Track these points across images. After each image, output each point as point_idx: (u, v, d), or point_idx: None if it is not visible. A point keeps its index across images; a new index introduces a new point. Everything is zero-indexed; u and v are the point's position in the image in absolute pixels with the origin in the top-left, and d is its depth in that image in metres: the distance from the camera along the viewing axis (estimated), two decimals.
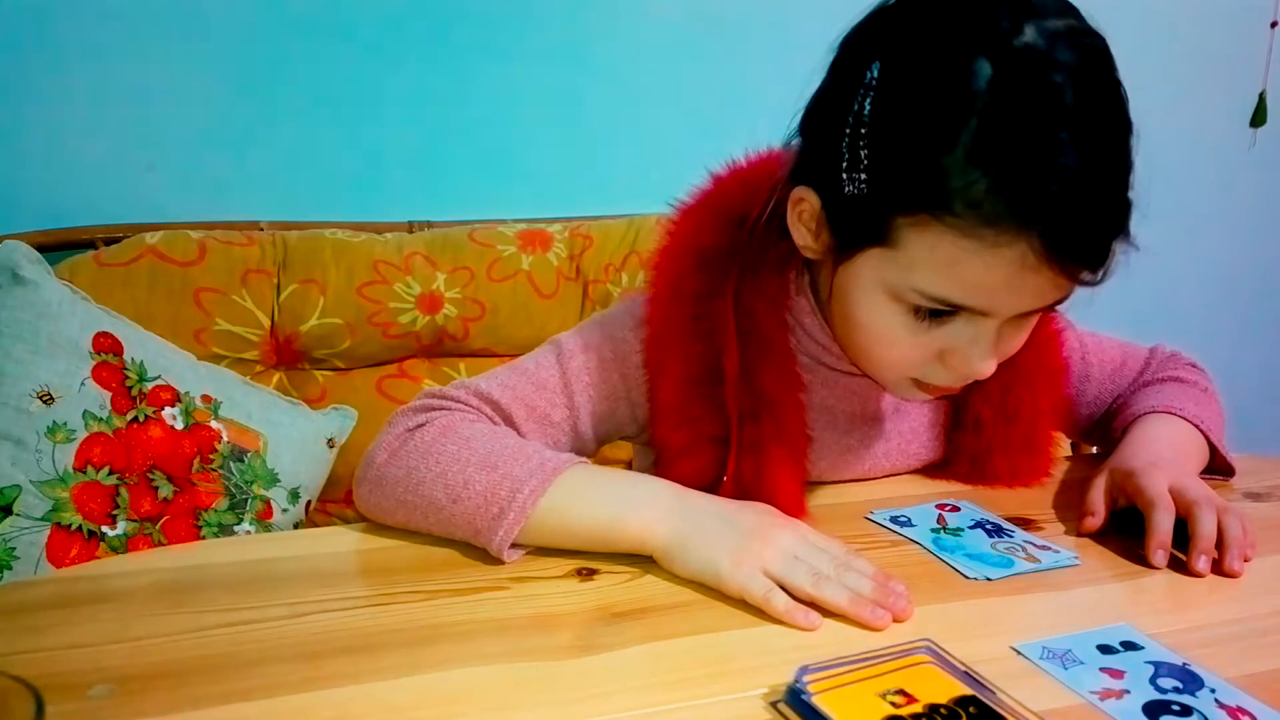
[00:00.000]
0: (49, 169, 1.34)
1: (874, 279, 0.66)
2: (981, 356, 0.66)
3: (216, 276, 1.26)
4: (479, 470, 0.67)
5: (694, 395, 0.73)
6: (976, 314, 0.65)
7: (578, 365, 0.77)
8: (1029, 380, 0.81)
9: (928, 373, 0.70)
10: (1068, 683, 0.54)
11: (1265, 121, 1.91)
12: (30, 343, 1.05)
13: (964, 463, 0.85)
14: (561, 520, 0.67)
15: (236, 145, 1.41)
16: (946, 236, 0.60)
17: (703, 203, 0.77)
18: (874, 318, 0.67)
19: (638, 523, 0.66)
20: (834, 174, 0.65)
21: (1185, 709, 0.52)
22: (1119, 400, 0.92)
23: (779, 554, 0.63)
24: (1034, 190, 0.58)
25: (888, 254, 0.64)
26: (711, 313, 0.73)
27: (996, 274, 0.61)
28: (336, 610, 0.61)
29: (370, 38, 1.43)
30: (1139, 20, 1.82)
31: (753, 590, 0.61)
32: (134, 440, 1.08)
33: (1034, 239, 0.59)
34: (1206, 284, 2.05)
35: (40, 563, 1.00)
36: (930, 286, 0.63)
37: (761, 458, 0.73)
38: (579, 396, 0.77)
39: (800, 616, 0.60)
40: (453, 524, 0.68)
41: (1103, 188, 0.60)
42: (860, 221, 0.64)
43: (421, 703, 0.52)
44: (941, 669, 0.54)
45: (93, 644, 0.57)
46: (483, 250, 1.38)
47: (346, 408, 1.29)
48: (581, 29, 1.51)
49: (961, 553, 0.71)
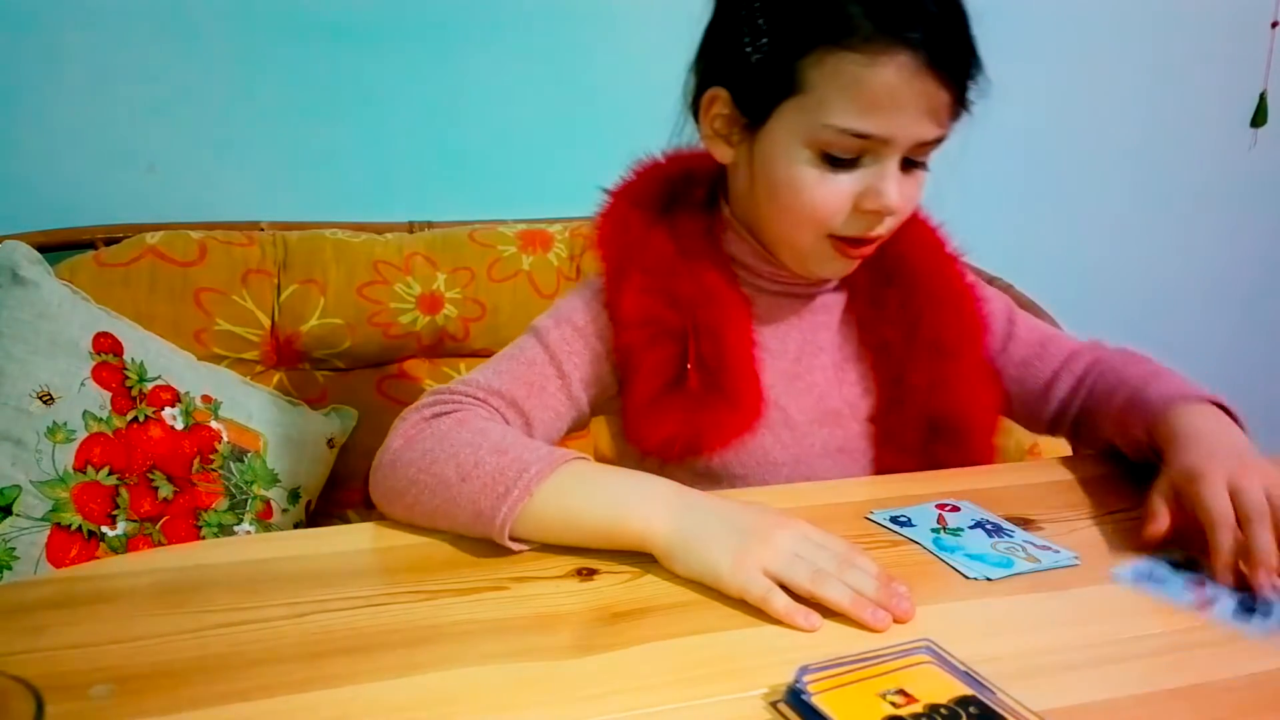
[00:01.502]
0: (49, 169, 1.34)
1: (789, 132, 0.77)
2: (888, 191, 0.76)
3: (217, 276, 1.26)
4: (490, 453, 0.70)
5: (650, 301, 0.82)
6: (878, 148, 0.75)
7: (557, 338, 0.84)
8: (930, 298, 0.88)
9: (844, 224, 0.79)
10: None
11: (1266, 121, 1.91)
12: (30, 343, 1.05)
13: (889, 388, 0.89)
14: (563, 508, 0.68)
15: (237, 145, 1.41)
16: (843, 62, 0.73)
17: (630, 185, 0.89)
18: (793, 171, 0.77)
19: (639, 519, 0.67)
20: (739, 56, 0.78)
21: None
22: (1081, 391, 0.92)
23: (778, 553, 0.63)
24: (898, 4, 0.72)
25: (798, 101, 0.75)
26: (650, 240, 0.84)
27: (888, 87, 0.72)
28: (336, 610, 0.61)
29: (371, 38, 1.43)
30: (1139, 20, 1.82)
31: (752, 590, 0.61)
32: (134, 440, 1.08)
33: (910, 49, 0.72)
34: (1206, 283, 2.05)
35: (40, 563, 1.00)
36: (838, 118, 0.74)
37: (717, 338, 0.81)
38: (566, 365, 0.84)
39: (800, 617, 0.60)
40: (458, 504, 0.69)
41: (954, 10, 0.75)
42: (770, 81, 0.76)
43: (421, 702, 0.52)
44: (941, 669, 0.54)
45: (93, 644, 0.57)
46: (483, 250, 1.38)
47: (347, 408, 1.29)
48: (582, 28, 1.51)
49: (961, 553, 0.71)
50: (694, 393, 0.81)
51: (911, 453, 0.89)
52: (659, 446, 0.83)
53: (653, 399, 0.81)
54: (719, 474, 0.86)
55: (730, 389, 0.81)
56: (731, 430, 0.83)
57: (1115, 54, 1.82)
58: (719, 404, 0.81)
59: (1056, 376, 0.93)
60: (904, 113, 0.74)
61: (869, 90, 0.73)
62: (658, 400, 0.82)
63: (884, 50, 0.72)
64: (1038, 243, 1.84)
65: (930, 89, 0.74)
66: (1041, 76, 1.79)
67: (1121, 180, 1.93)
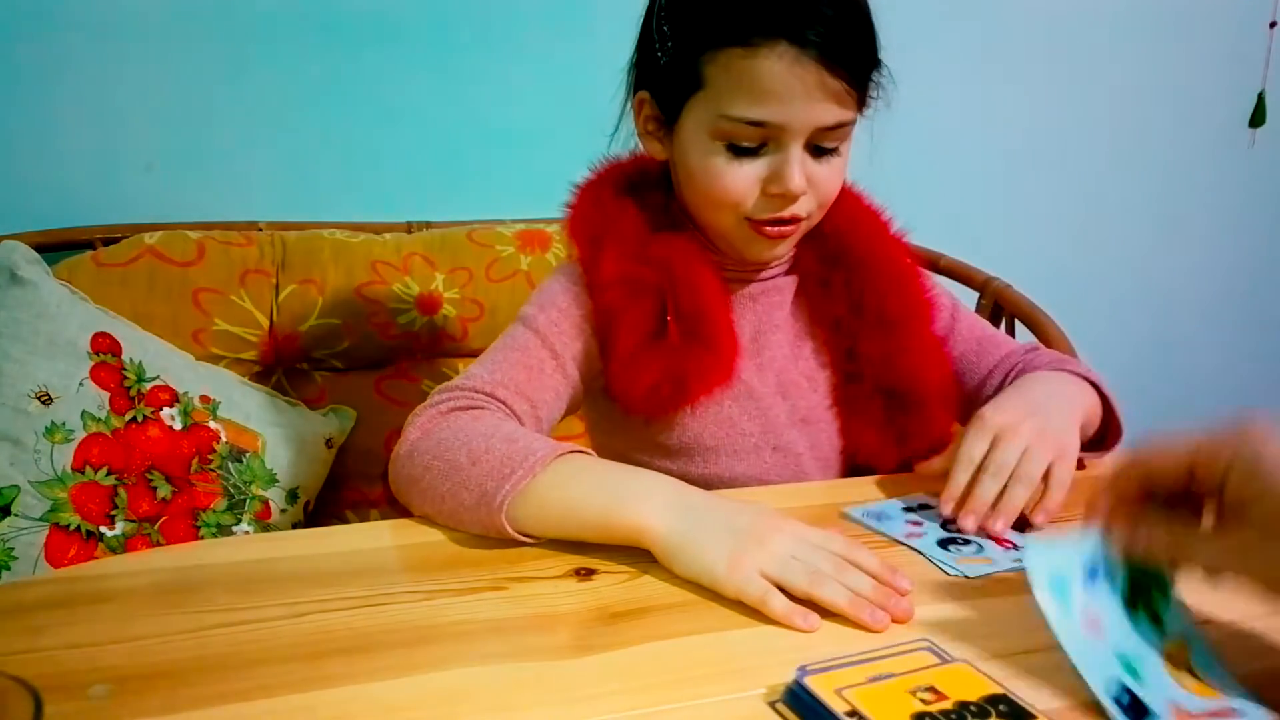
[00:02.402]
0: (47, 169, 1.34)
1: (698, 125, 0.82)
2: (791, 175, 0.79)
3: (215, 277, 1.25)
4: (501, 441, 0.74)
5: (626, 264, 0.85)
6: (777, 134, 0.79)
7: (545, 321, 0.88)
8: (873, 275, 0.92)
9: (755, 207, 0.83)
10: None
11: (1264, 121, 1.92)
12: (28, 343, 1.05)
13: (843, 361, 0.93)
14: (564, 497, 0.70)
15: (235, 145, 1.41)
16: (731, 56, 0.77)
17: (596, 177, 0.94)
18: (703, 160, 0.82)
19: (638, 515, 0.68)
20: (652, 61, 0.84)
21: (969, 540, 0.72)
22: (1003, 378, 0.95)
23: (774, 555, 0.64)
24: (775, 1, 0.76)
25: (701, 96, 0.80)
26: (624, 213, 0.88)
27: (775, 77, 0.76)
28: (335, 610, 0.61)
29: (369, 38, 1.43)
30: (1139, 20, 1.82)
31: (749, 592, 0.62)
32: (132, 440, 1.08)
33: (786, 39, 0.75)
34: (1205, 284, 2.05)
35: (39, 563, 1.00)
36: (733, 108, 0.78)
37: (694, 290, 0.85)
38: (557, 344, 0.87)
39: (799, 619, 0.60)
40: (466, 487, 0.71)
41: (838, 1, 0.77)
42: (677, 81, 0.82)
43: (420, 702, 0.52)
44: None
45: (91, 644, 0.57)
46: (481, 250, 1.38)
47: (345, 408, 1.29)
48: (581, 28, 1.51)
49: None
50: (674, 343, 0.84)
51: (875, 423, 0.92)
52: (644, 398, 0.85)
53: (634, 352, 0.84)
54: (691, 446, 0.90)
55: (708, 337, 0.85)
56: (713, 376, 0.86)
57: (1115, 53, 1.83)
58: (699, 351, 0.85)
59: (990, 375, 0.96)
60: (793, 100, 0.77)
61: (756, 80, 0.77)
62: (639, 352, 0.85)
63: (764, 42, 0.76)
64: (1036, 243, 1.85)
65: (816, 76, 0.77)
66: (1041, 76, 1.79)
67: (1120, 180, 1.93)
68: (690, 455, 0.90)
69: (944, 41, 1.68)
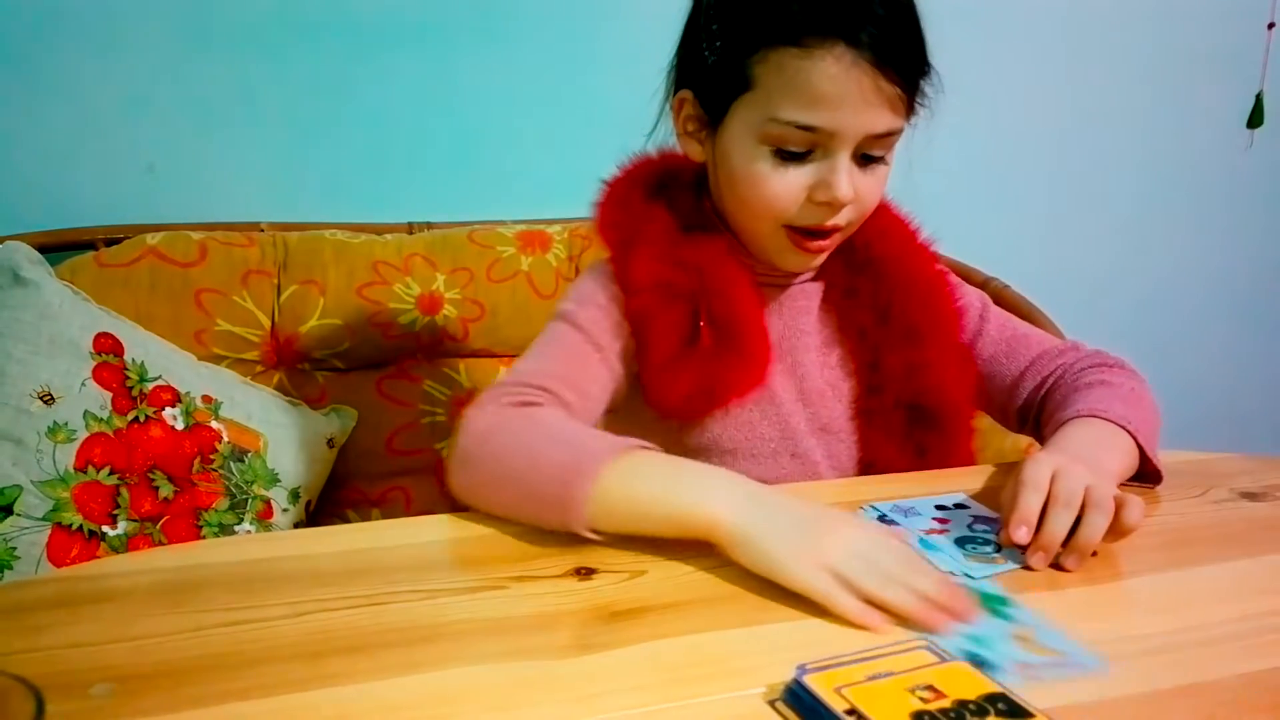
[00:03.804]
0: (49, 170, 1.34)
1: (744, 127, 0.80)
2: (839, 183, 0.78)
3: (217, 277, 1.26)
4: (560, 446, 0.74)
5: (659, 266, 0.85)
6: (827, 141, 0.78)
7: (586, 317, 0.87)
8: (900, 285, 0.91)
9: (799, 214, 0.81)
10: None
11: (1263, 122, 1.91)
12: (31, 343, 1.05)
13: (867, 372, 0.92)
14: (629, 495, 0.70)
15: (237, 146, 1.41)
16: (786, 57, 0.76)
17: (625, 174, 0.93)
18: (748, 164, 0.81)
19: (707, 508, 0.68)
20: (699, 60, 0.82)
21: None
22: (1043, 390, 0.92)
23: (843, 552, 0.63)
24: (837, 2, 0.75)
25: (750, 98, 0.79)
26: (653, 215, 0.87)
27: (828, 79, 0.75)
28: (336, 610, 0.61)
29: (370, 38, 1.43)
30: (1138, 20, 1.82)
31: (816, 587, 0.62)
32: (134, 440, 1.08)
33: (846, 42, 0.74)
34: (1205, 284, 2.05)
35: (41, 562, 1.00)
36: (784, 111, 0.77)
37: (726, 296, 0.84)
38: (601, 339, 0.86)
39: (870, 619, 0.60)
40: (531, 496, 0.72)
41: (895, 4, 0.77)
42: (724, 81, 0.80)
43: (421, 702, 0.52)
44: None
45: (93, 643, 0.57)
46: (482, 251, 1.38)
47: (346, 408, 1.29)
48: (581, 28, 1.51)
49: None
50: (707, 349, 0.84)
51: (895, 436, 0.91)
52: (680, 404, 0.86)
53: (669, 358, 0.84)
54: (710, 448, 0.89)
55: (741, 342, 0.85)
56: (746, 382, 0.86)
57: (1113, 54, 1.83)
58: (731, 357, 0.85)
59: (1023, 375, 0.94)
60: (847, 105, 0.76)
61: (810, 83, 0.76)
62: (674, 359, 0.85)
63: (821, 44, 0.75)
64: (1035, 244, 1.85)
65: (872, 81, 0.76)
66: (1040, 77, 1.79)
67: (1119, 181, 1.93)
68: (708, 456, 0.89)
69: (942, 41, 1.68)
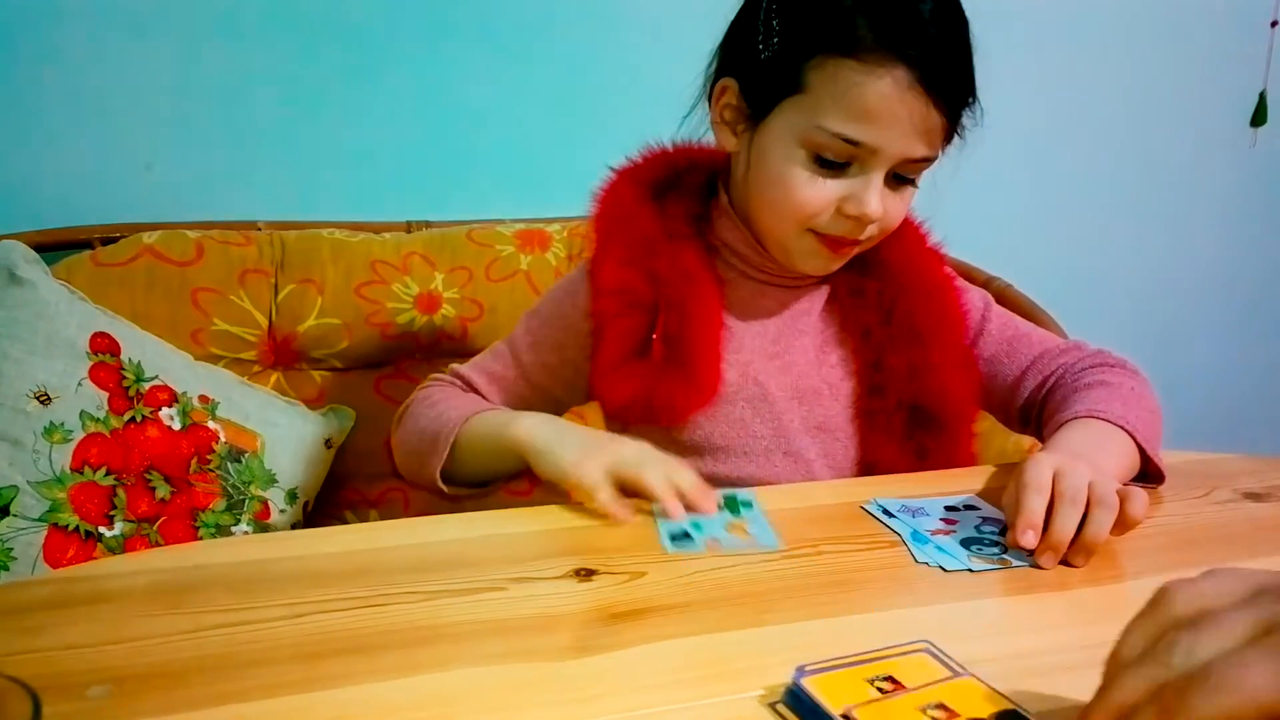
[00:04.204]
0: (46, 168, 1.33)
1: (787, 129, 0.81)
2: (870, 200, 0.80)
3: (214, 276, 1.25)
4: (449, 409, 0.89)
5: (627, 273, 0.88)
6: (866, 157, 0.79)
7: (521, 330, 0.96)
8: (907, 287, 0.92)
9: (827, 223, 0.83)
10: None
11: (1266, 121, 1.91)
12: (27, 343, 1.05)
13: (869, 372, 0.92)
14: (475, 435, 0.85)
15: (234, 145, 1.41)
16: (843, 69, 0.77)
17: (634, 165, 0.94)
18: (785, 166, 0.82)
19: (514, 432, 0.81)
20: (751, 52, 0.83)
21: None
22: (1044, 390, 0.92)
23: (617, 455, 0.75)
24: (901, 23, 0.76)
25: (798, 100, 0.80)
26: (637, 217, 0.89)
27: (881, 98, 0.76)
28: (334, 611, 0.61)
29: (368, 37, 1.43)
30: (1139, 20, 1.82)
31: (586, 480, 0.73)
32: (131, 440, 1.08)
33: (906, 65, 0.76)
34: (1206, 283, 2.05)
35: (37, 563, 1.00)
36: (831, 121, 0.78)
37: (685, 315, 0.86)
38: (524, 355, 0.95)
39: (622, 512, 0.72)
40: (421, 450, 0.88)
41: (953, 33, 0.79)
42: (775, 78, 0.81)
43: (419, 703, 0.52)
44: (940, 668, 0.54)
45: (90, 644, 0.57)
46: (481, 250, 1.38)
47: (344, 408, 1.29)
48: (581, 27, 1.51)
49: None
50: (655, 363, 0.86)
51: (896, 437, 0.91)
52: (618, 409, 0.90)
53: (616, 363, 0.87)
54: (702, 445, 0.90)
55: (690, 365, 0.86)
56: (686, 405, 0.87)
57: (1115, 53, 1.83)
58: (677, 377, 0.86)
59: (1024, 375, 0.95)
60: (894, 126, 0.78)
61: (863, 99, 0.77)
62: (621, 365, 0.87)
63: (881, 63, 0.76)
64: (1037, 243, 1.84)
65: (922, 107, 0.77)
66: (1041, 76, 1.79)
67: (1121, 180, 1.93)
68: (700, 454, 0.90)
69: None
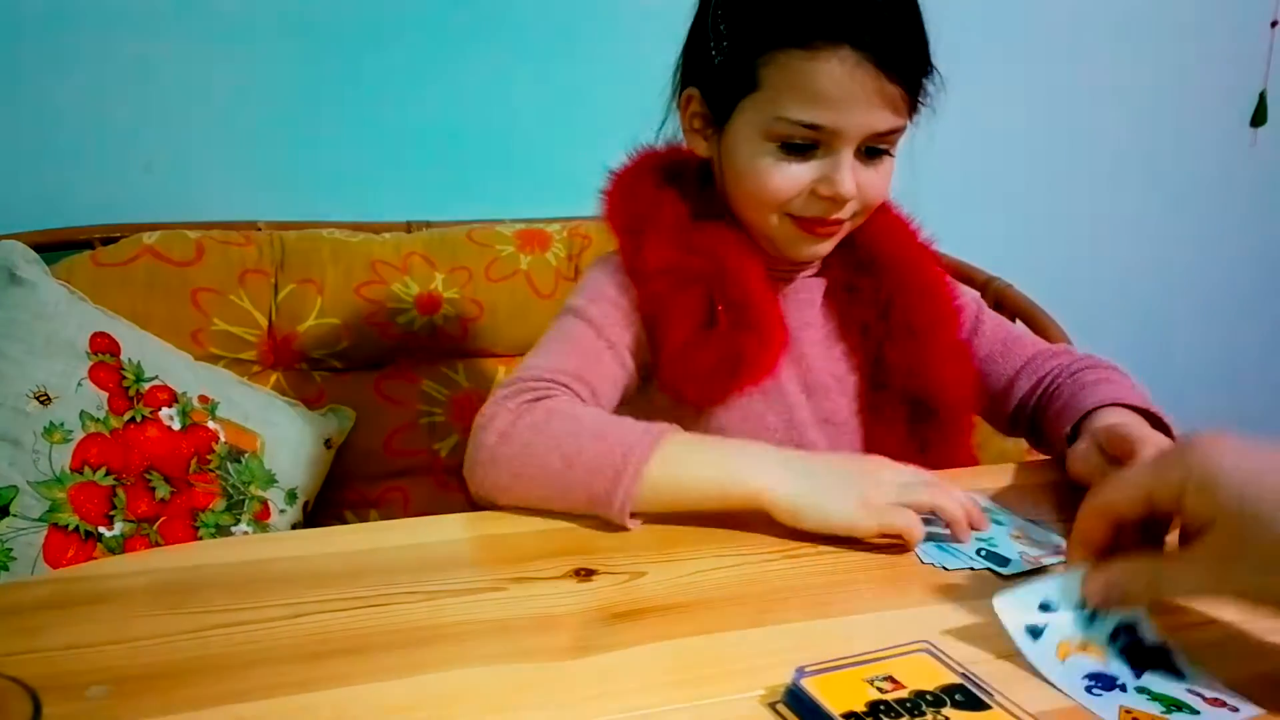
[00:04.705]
0: (46, 169, 1.33)
1: (749, 126, 0.82)
2: (842, 180, 0.80)
3: (214, 276, 1.25)
4: (590, 439, 0.74)
5: (671, 251, 0.86)
6: (830, 139, 0.80)
7: (597, 312, 0.88)
8: (901, 283, 0.92)
9: (803, 205, 0.83)
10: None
11: (1266, 121, 1.91)
12: (27, 343, 1.05)
13: (870, 367, 0.93)
14: (674, 480, 0.73)
15: (234, 144, 1.41)
16: (792, 59, 0.78)
17: (631, 164, 0.94)
18: (753, 160, 0.83)
19: (755, 483, 0.72)
20: (705, 59, 0.84)
21: None
22: (1038, 391, 0.94)
23: (893, 486, 0.72)
24: (840, 4, 0.77)
25: (755, 98, 0.81)
26: (662, 202, 0.88)
27: (835, 82, 0.77)
28: (335, 611, 0.61)
29: (369, 38, 1.43)
30: (1139, 20, 1.82)
31: (896, 522, 0.69)
32: (131, 441, 1.08)
33: (849, 44, 0.76)
34: (1206, 282, 2.05)
35: (37, 563, 1.00)
36: (789, 111, 0.79)
37: (739, 279, 0.85)
38: (611, 334, 0.87)
39: (919, 528, 0.69)
40: (570, 491, 0.74)
41: (896, 4, 0.79)
42: (731, 81, 0.82)
43: (420, 703, 0.52)
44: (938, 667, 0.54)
45: (90, 644, 0.57)
46: (481, 250, 1.38)
47: (344, 408, 1.29)
48: (581, 27, 1.51)
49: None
50: (724, 331, 0.85)
51: (899, 430, 0.92)
52: (700, 388, 0.86)
53: (687, 340, 0.85)
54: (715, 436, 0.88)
55: (758, 324, 0.85)
56: (764, 362, 0.86)
57: (1115, 53, 1.83)
58: (749, 338, 0.85)
59: (1018, 376, 0.96)
60: (851, 105, 0.78)
61: (815, 83, 0.78)
62: (692, 341, 0.85)
63: (827, 46, 0.77)
64: (1038, 243, 1.84)
65: (875, 83, 0.78)
66: (1042, 76, 1.79)
67: (1121, 180, 1.93)
68: None
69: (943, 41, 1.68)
